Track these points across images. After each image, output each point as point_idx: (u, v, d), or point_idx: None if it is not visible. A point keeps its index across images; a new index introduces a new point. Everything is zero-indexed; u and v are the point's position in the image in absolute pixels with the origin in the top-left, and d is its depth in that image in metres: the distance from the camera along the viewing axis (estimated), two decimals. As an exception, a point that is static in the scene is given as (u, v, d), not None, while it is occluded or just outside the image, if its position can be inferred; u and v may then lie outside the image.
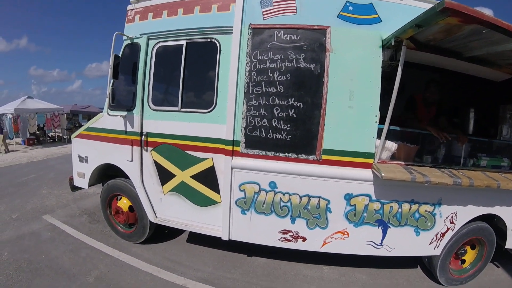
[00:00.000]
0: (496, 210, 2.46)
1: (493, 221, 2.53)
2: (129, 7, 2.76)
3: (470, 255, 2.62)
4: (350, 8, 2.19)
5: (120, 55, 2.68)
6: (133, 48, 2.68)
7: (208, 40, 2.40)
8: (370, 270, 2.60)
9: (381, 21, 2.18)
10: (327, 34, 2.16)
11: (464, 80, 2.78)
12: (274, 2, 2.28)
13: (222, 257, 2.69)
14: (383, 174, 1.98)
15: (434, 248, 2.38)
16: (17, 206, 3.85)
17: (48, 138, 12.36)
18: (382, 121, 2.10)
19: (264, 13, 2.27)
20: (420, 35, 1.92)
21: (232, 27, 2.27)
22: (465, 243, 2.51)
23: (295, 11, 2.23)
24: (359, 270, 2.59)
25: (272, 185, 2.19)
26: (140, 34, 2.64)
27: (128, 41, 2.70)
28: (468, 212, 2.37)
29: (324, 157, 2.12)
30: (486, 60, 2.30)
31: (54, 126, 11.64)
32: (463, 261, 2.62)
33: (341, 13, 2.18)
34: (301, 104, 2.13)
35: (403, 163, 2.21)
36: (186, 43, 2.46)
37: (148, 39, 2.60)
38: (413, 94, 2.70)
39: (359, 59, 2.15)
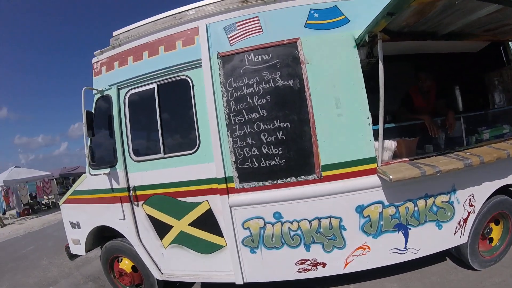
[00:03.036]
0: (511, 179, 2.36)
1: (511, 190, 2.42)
2: (94, 59, 2.69)
3: (496, 232, 2.48)
4: (316, 15, 2.15)
5: (93, 111, 2.57)
6: (105, 100, 2.57)
7: (179, 78, 2.30)
8: (400, 276, 2.41)
9: (349, 20, 2.13)
10: (299, 46, 2.09)
11: (444, 60, 2.74)
12: (238, 26, 2.22)
13: (241, 301, 2.46)
14: (391, 177, 1.85)
15: (460, 237, 2.23)
16: (19, 282, 3.71)
17: (43, 206, 12.07)
18: (376, 121, 1.99)
19: (230, 39, 2.20)
20: (392, 24, 1.86)
21: (201, 60, 2.19)
22: (488, 221, 2.37)
23: (261, 30, 2.16)
24: (388, 279, 2.40)
25: (277, 215, 2.02)
26: (109, 85, 2.53)
27: (99, 95, 2.59)
28: (484, 190, 2.25)
29: (324, 173, 1.98)
30: (462, 33, 2.25)
31: (46, 193, 11.37)
32: (491, 240, 2.47)
33: (307, 22, 2.13)
34: (288, 124, 2.02)
35: (407, 159, 2.09)
36: (157, 85, 2.36)
37: (118, 89, 2.50)
38: (408, 89, 2.63)
39: (337, 64, 2.08)
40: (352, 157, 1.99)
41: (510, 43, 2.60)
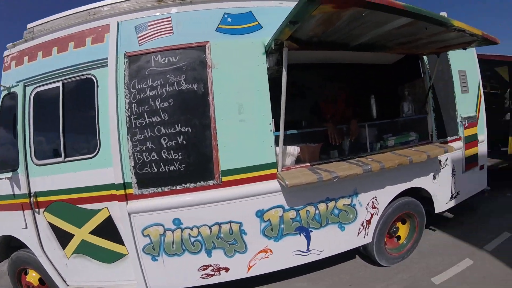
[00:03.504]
0: (416, 183, 2.55)
1: (417, 192, 2.61)
2: (5, 53, 2.47)
3: (403, 230, 2.68)
4: (229, 19, 2.14)
5: None
6: (11, 98, 2.36)
7: (85, 77, 2.17)
8: (310, 276, 2.50)
9: (262, 27, 2.14)
10: (207, 50, 2.07)
11: (363, 69, 2.90)
12: (149, 26, 2.14)
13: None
14: (287, 182, 1.90)
15: (364, 237, 2.38)
16: None
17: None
18: (287, 128, 2.02)
19: (139, 38, 2.12)
20: (299, 32, 1.85)
21: (107, 58, 2.08)
22: (394, 221, 2.54)
23: (172, 31, 2.11)
24: (298, 279, 2.48)
25: (177, 222, 1.99)
26: (17, 82, 2.33)
27: (6, 92, 2.37)
28: (388, 193, 2.41)
29: (224, 178, 1.98)
30: (374, 45, 2.31)
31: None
32: (399, 238, 2.66)
33: (219, 26, 2.12)
34: (189, 128, 1.98)
35: (308, 164, 2.17)
36: (63, 84, 2.21)
37: (25, 86, 2.31)
38: (318, 98, 2.74)
39: (244, 70, 2.08)
40: (253, 162, 2.01)
41: (424, 57, 2.76)
